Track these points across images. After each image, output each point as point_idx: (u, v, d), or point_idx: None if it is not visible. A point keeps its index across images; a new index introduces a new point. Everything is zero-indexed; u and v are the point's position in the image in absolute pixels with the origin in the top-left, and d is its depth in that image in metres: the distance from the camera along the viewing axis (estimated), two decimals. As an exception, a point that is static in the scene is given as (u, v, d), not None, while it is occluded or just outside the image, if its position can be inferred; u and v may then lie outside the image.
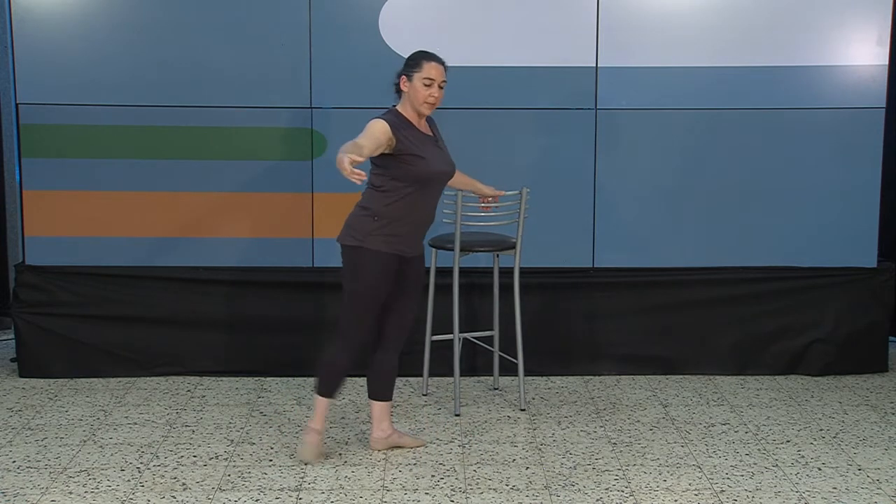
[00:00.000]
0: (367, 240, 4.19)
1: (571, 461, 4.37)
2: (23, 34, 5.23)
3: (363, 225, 4.21)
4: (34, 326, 5.40)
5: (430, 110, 4.26)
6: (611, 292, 5.49)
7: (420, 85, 4.19)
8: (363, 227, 4.21)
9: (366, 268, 4.22)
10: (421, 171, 4.18)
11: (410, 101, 4.23)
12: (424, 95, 4.20)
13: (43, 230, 5.38)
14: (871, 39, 5.34)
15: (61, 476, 4.19)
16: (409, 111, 4.25)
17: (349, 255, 4.25)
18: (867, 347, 5.58)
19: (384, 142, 4.09)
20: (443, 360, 5.27)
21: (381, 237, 4.20)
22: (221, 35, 5.27)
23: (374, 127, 4.10)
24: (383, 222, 4.19)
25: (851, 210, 5.47)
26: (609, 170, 5.42)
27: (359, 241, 4.20)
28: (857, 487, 4.12)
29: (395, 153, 4.14)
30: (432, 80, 4.20)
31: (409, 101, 4.24)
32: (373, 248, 4.19)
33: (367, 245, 4.19)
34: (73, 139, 5.31)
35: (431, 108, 4.25)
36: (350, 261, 4.25)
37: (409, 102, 4.24)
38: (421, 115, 4.27)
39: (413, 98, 4.22)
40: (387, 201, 4.20)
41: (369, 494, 4.03)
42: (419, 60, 4.23)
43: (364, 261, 4.21)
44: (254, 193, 5.39)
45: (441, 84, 4.23)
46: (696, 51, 5.34)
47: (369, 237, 4.19)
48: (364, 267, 4.22)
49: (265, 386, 5.33)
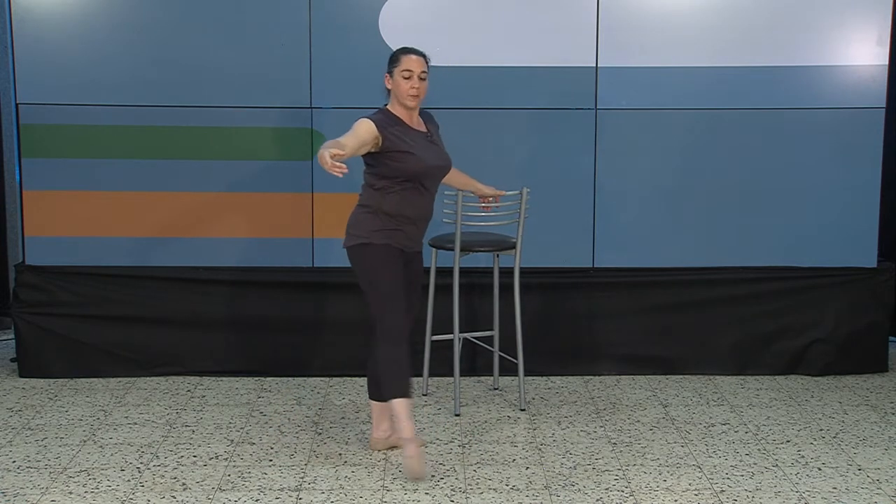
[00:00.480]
0: (372, 236, 4.21)
1: (571, 461, 4.37)
2: (23, 34, 5.23)
3: (366, 223, 4.23)
4: (34, 326, 5.40)
5: (415, 102, 4.26)
6: (611, 292, 5.49)
7: (400, 79, 4.22)
8: (366, 224, 4.23)
9: (379, 260, 4.22)
10: (411, 167, 4.19)
11: (396, 96, 4.27)
12: (406, 88, 4.22)
13: (43, 230, 5.38)
14: (871, 39, 5.34)
15: (61, 476, 4.19)
16: (398, 108, 4.28)
17: (359, 255, 4.25)
18: (867, 347, 5.58)
19: (369, 140, 4.11)
20: (443, 360, 5.26)
21: (384, 233, 4.22)
22: (221, 35, 5.27)
23: (358, 126, 4.13)
24: (385, 219, 4.21)
25: (851, 210, 5.47)
26: (609, 170, 5.42)
27: (365, 239, 4.22)
28: (857, 487, 4.12)
29: (382, 151, 4.17)
30: (411, 73, 4.22)
31: (395, 98, 4.27)
32: (380, 242, 4.21)
33: (373, 241, 4.21)
34: (73, 139, 5.31)
35: (415, 100, 4.25)
36: (362, 260, 4.25)
37: (395, 99, 4.28)
38: (409, 110, 4.28)
39: (397, 93, 4.25)
40: (385, 198, 4.21)
41: (369, 494, 4.03)
42: (397, 56, 4.28)
43: (376, 255, 4.22)
44: (254, 193, 5.39)
45: (421, 75, 4.24)
46: (696, 51, 5.34)
47: (374, 233, 4.21)
48: (377, 260, 4.22)
49: (265, 386, 5.33)
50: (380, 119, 4.19)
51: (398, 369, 4.24)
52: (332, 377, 5.46)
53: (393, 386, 4.24)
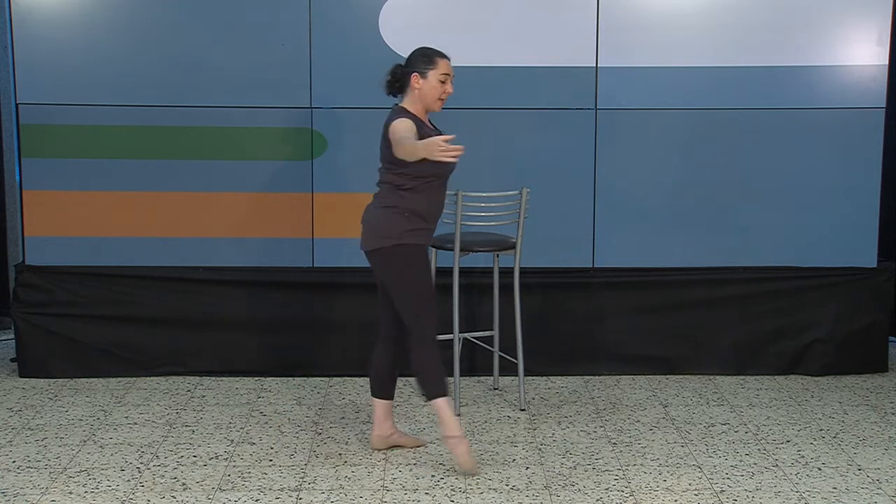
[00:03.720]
0: (404, 237, 4.19)
1: (571, 461, 4.37)
2: (23, 34, 5.23)
3: (396, 224, 4.19)
4: (34, 326, 5.40)
5: (441, 107, 4.26)
6: (611, 292, 5.49)
7: (436, 82, 4.19)
8: (396, 226, 4.19)
9: (412, 262, 4.22)
10: (441, 166, 4.14)
11: (421, 97, 4.22)
12: (439, 92, 4.20)
13: (43, 230, 5.38)
14: (871, 39, 5.34)
15: (61, 476, 4.19)
16: (418, 108, 4.24)
17: (388, 257, 4.22)
18: (867, 347, 5.58)
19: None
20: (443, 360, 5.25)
21: (416, 233, 4.21)
22: (221, 35, 5.27)
23: (405, 125, 4.09)
24: (416, 219, 4.20)
25: (851, 210, 5.47)
26: (609, 170, 5.42)
27: (395, 241, 4.19)
28: (857, 487, 4.12)
29: None
30: (447, 76, 4.21)
31: (418, 98, 4.22)
32: (411, 242, 4.20)
33: (404, 241, 4.19)
34: (73, 139, 5.31)
35: (443, 104, 4.25)
36: (392, 262, 4.23)
37: (418, 99, 4.23)
38: (429, 112, 4.27)
39: (427, 95, 4.21)
40: (414, 198, 4.19)
41: (369, 494, 4.03)
42: (433, 58, 4.21)
43: (412, 256, 4.22)
44: (254, 193, 5.39)
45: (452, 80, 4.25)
46: (696, 51, 5.34)
47: (406, 234, 4.19)
48: (411, 262, 4.22)
49: (265, 386, 5.33)
50: (412, 118, 4.17)
51: (438, 369, 4.28)
52: (332, 377, 5.46)
53: (435, 385, 4.26)
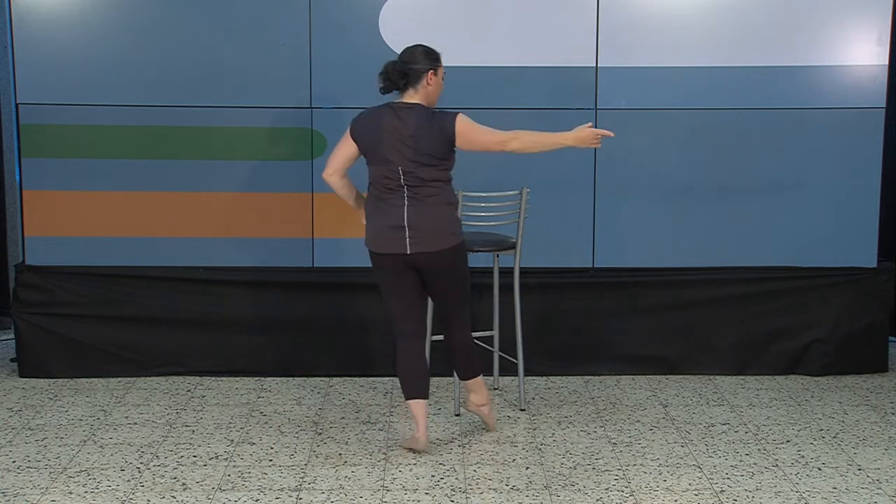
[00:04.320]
0: (460, 232, 4.38)
1: (571, 461, 4.37)
2: (23, 34, 5.23)
3: (458, 220, 4.39)
4: (34, 326, 5.40)
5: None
6: (611, 292, 5.49)
7: (442, 80, 4.34)
8: (458, 221, 4.39)
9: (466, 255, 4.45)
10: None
11: (430, 95, 4.30)
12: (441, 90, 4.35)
13: (43, 230, 5.38)
14: (871, 39, 5.34)
15: (61, 476, 4.19)
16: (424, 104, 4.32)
17: (460, 252, 4.38)
18: (867, 347, 5.58)
19: None
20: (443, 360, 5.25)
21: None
22: (222, 35, 5.27)
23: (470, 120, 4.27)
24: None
25: (851, 210, 5.47)
26: (609, 170, 5.42)
27: (462, 236, 4.38)
28: (857, 487, 4.12)
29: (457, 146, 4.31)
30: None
31: (426, 96, 4.30)
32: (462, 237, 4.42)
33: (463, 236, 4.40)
34: (73, 139, 5.31)
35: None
36: (460, 256, 4.39)
37: (425, 97, 4.29)
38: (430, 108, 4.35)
39: (436, 92, 4.32)
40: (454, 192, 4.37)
41: (369, 494, 4.03)
42: (439, 57, 4.33)
43: (465, 250, 4.43)
44: (254, 193, 5.39)
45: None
46: (696, 51, 5.34)
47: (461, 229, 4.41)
48: (466, 255, 4.44)
49: (265, 386, 5.33)
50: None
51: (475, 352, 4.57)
52: (332, 377, 5.46)
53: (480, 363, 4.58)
